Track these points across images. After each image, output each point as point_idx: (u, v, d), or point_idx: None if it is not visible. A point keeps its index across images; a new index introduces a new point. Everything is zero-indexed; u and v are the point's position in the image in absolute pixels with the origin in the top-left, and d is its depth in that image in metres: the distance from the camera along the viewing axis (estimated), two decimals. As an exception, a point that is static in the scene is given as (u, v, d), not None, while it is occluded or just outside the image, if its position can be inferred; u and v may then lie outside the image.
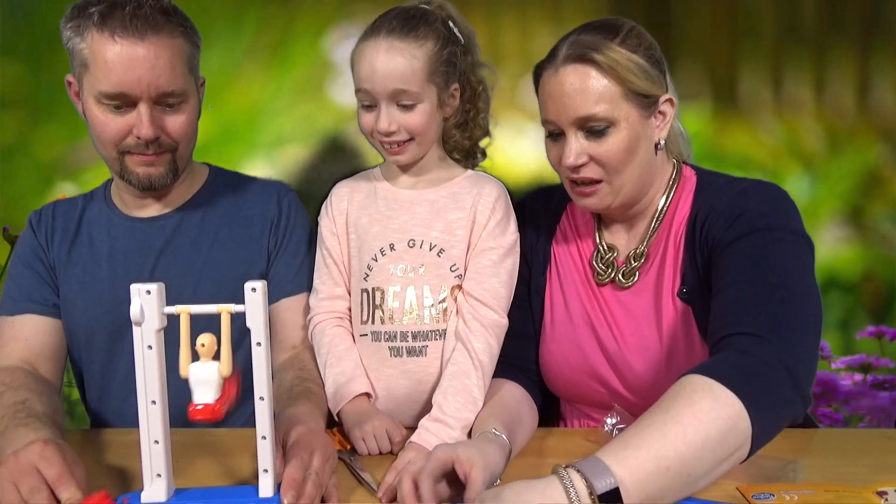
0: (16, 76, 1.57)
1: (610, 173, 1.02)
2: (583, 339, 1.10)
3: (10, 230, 1.54)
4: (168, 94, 1.09)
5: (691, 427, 0.76)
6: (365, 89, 1.06)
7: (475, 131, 1.17)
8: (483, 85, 1.16)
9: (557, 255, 1.16)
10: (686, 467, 0.75)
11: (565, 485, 0.73)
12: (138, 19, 1.05)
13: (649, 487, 0.74)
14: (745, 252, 0.94)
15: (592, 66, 0.99)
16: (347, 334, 1.14)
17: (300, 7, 1.58)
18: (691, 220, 1.04)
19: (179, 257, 1.19)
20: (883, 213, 1.61)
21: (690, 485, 0.76)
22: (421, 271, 1.11)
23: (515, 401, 1.08)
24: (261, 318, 0.79)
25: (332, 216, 1.17)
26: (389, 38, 1.05)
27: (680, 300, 1.03)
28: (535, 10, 1.57)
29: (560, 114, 1.01)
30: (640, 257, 1.08)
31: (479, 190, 1.13)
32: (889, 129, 1.61)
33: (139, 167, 1.13)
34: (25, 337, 1.15)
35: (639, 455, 0.74)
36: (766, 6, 1.59)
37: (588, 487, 0.72)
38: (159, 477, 0.81)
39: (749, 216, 0.96)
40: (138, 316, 0.79)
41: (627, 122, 1.00)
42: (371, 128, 1.08)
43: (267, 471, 0.81)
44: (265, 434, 0.81)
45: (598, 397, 1.10)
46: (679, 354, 1.02)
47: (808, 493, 0.87)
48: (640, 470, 0.74)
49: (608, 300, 1.10)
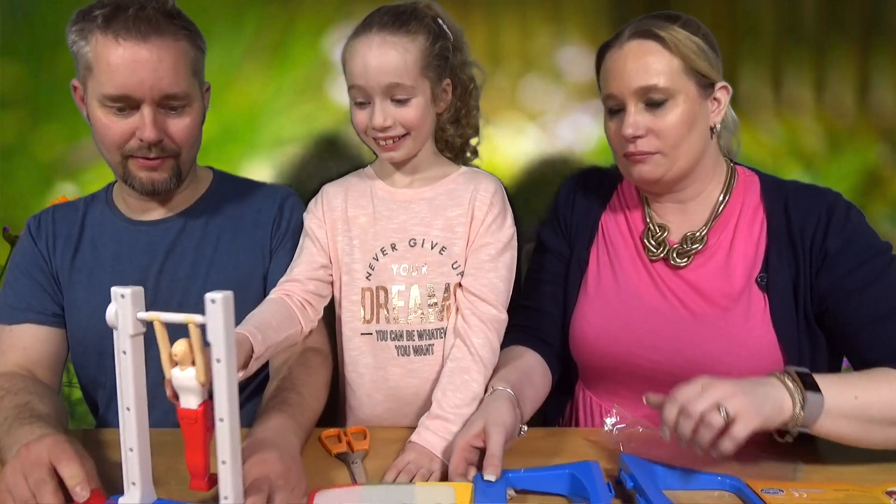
0: (16, 76, 1.57)
1: (667, 146, 1.06)
2: (631, 312, 1.12)
3: (10, 230, 1.54)
4: (171, 96, 1.09)
5: (883, 386, 0.93)
6: (358, 85, 1.06)
7: (467, 129, 1.18)
8: (474, 83, 1.16)
9: (607, 229, 1.19)
10: (870, 408, 0.91)
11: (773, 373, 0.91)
12: (141, 21, 1.05)
13: (838, 402, 0.90)
14: (876, 286, 1.03)
15: (656, 41, 1.04)
16: (284, 302, 1.09)
17: (300, 7, 1.58)
18: (776, 216, 1.09)
19: (185, 260, 1.19)
20: (883, 213, 1.61)
21: (865, 427, 0.92)
22: (424, 270, 1.11)
23: (527, 364, 1.13)
24: (221, 332, 0.74)
25: (322, 212, 1.16)
26: (381, 32, 1.05)
27: (757, 286, 1.07)
28: (535, 10, 1.57)
29: (622, 85, 1.05)
30: (698, 241, 1.11)
31: (476, 185, 1.13)
32: (889, 129, 1.61)
33: (142, 172, 1.13)
34: (24, 346, 1.15)
35: (837, 378, 0.93)
36: (766, 6, 1.59)
37: (791, 375, 0.90)
38: (134, 485, 0.81)
39: (863, 240, 1.06)
40: (113, 320, 0.78)
41: (686, 97, 1.04)
42: (365, 125, 1.08)
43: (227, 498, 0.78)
44: (225, 459, 0.77)
45: (633, 369, 1.12)
46: (738, 331, 1.06)
47: (818, 491, 0.88)
48: (836, 383, 0.91)
49: (663, 276, 1.13)
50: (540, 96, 1.58)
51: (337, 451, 1.04)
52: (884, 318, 1.01)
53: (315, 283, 1.13)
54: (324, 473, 0.99)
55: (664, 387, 1.07)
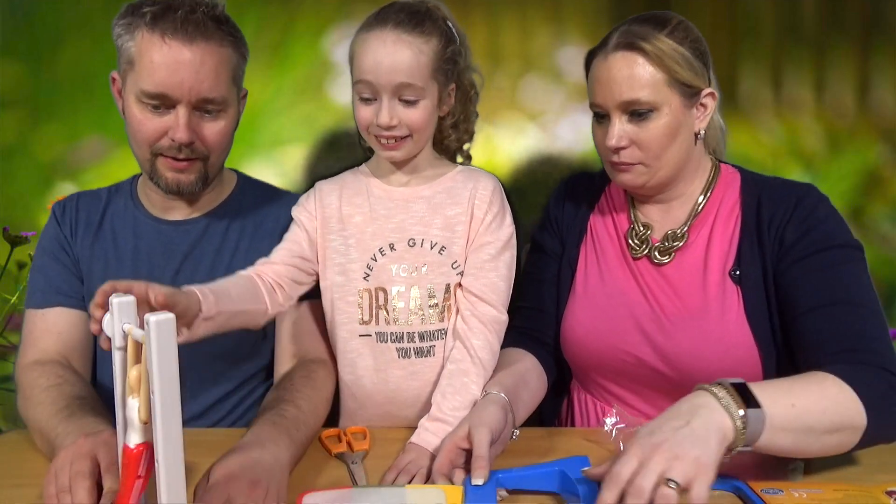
0: (16, 76, 1.57)
1: (649, 157, 1.07)
2: (616, 309, 1.14)
3: (10, 230, 1.54)
4: (208, 100, 1.09)
5: (817, 394, 0.88)
6: (367, 81, 1.04)
7: (464, 135, 1.17)
8: (474, 89, 1.15)
9: (595, 228, 1.21)
10: (806, 416, 0.86)
11: (708, 388, 0.84)
12: (190, 23, 1.06)
13: (777, 414, 0.83)
14: (827, 273, 1.03)
15: (640, 54, 1.04)
16: (252, 279, 1.06)
17: (300, 7, 1.57)
18: (750, 211, 1.10)
19: (203, 264, 1.19)
20: (883, 213, 1.61)
21: (802, 438, 0.86)
22: (424, 270, 1.10)
23: (524, 367, 1.13)
24: (156, 361, 0.65)
25: (314, 207, 1.14)
26: (397, 30, 1.03)
27: (731, 280, 1.08)
28: (535, 10, 1.57)
29: (607, 97, 1.06)
30: (679, 238, 1.13)
31: (475, 184, 1.13)
32: (889, 129, 1.61)
33: (169, 172, 1.13)
34: (59, 331, 1.16)
35: (772, 387, 0.87)
36: (766, 6, 1.59)
37: (727, 388, 0.83)
38: None
39: (821, 231, 1.05)
40: (107, 328, 0.77)
41: (670, 109, 1.05)
42: (369, 121, 1.06)
43: None
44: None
45: (621, 366, 1.13)
46: (713, 326, 1.07)
47: (818, 491, 0.88)
48: (772, 393, 0.85)
49: (644, 273, 1.14)
50: (540, 96, 1.58)
51: (337, 451, 1.04)
52: (826, 305, 1.00)
53: (292, 269, 1.10)
54: (324, 473, 0.99)
55: (653, 384, 1.11)
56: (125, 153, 1.55)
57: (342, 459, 1.02)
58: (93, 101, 1.56)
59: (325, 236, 1.13)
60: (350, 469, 0.98)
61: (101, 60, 1.48)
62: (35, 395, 1.05)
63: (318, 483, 0.95)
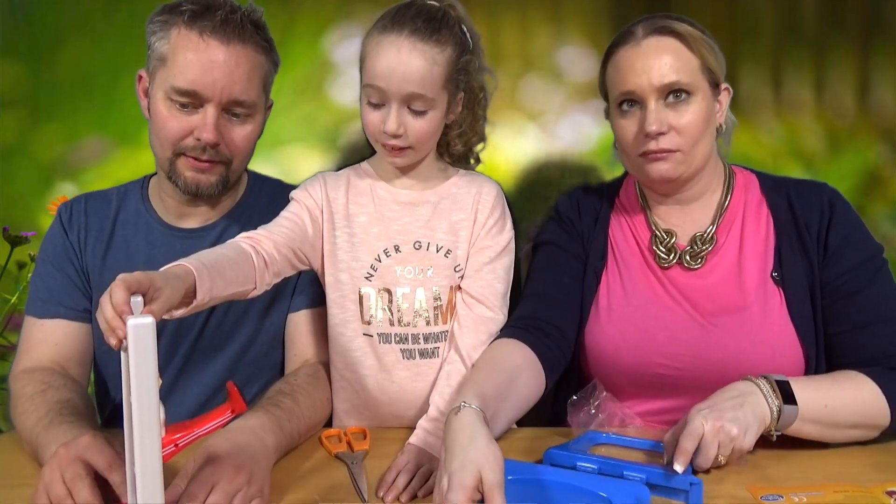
0: (16, 76, 1.57)
1: (687, 144, 1.06)
2: (646, 320, 1.11)
3: (10, 230, 1.54)
4: (238, 102, 1.09)
5: (850, 397, 0.99)
6: (377, 87, 1.02)
7: (472, 138, 1.17)
8: (484, 92, 1.14)
9: (615, 242, 1.18)
10: (835, 415, 0.98)
11: (754, 380, 0.97)
12: (228, 24, 1.06)
13: (809, 410, 0.96)
14: (871, 289, 1.08)
15: (675, 38, 1.04)
16: (248, 256, 0.98)
17: (300, 7, 1.57)
18: (780, 212, 1.11)
19: None
20: (883, 213, 1.61)
21: (830, 430, 0.99)
22: (429, 273, 1.10)
23: (512, 365, 1.03)
24: (133, 364, 0.65)
25: (322, 200, 1.11)
26: (412, 38, 1.00)
27: (772, 282, 1.09)
28: (535, 10, 1.57)
29: (643, 83, 1.04)
30: (708, 241, 1.12)
31: (479, 189, 1.13)
32: (889, 129, 1.61)
33: (189, 171, 1.11)
34: (56, 342, 1.14)
35: (811, 387, 0.99)
36: (766, 6, 1.58)
37: (771, 383, 0.96)
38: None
39: (858, 236, 1.10)
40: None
41: (703, 95, 1.06)
42: (376, 127, 1.05)
43: None
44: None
45: (656, 379, 1.10)
46: (756, 328, 1.07)
47: (818, 494, 0.87)
48: (810, 394, 0.97)
49: (675, 280, 1.12)
50: (540, 96, 1.58)
51: (337, 451, 1.04)
52: (865, 325, 1.06)
53: (289, 250, 1.04)
54: (324, 473, 0.99)
55: (688, 392, 1.07)
56: (125, 153, 1.56)
57: (342, 459, 1.02)
58: (93, 101, 1.55)
59: (331, 231, 1.12)
60: (350, 469, 0.98)
61: (101, 60, 1.48)
62: (20, 403, 1.04)
63: (318, 483, 0.95)
